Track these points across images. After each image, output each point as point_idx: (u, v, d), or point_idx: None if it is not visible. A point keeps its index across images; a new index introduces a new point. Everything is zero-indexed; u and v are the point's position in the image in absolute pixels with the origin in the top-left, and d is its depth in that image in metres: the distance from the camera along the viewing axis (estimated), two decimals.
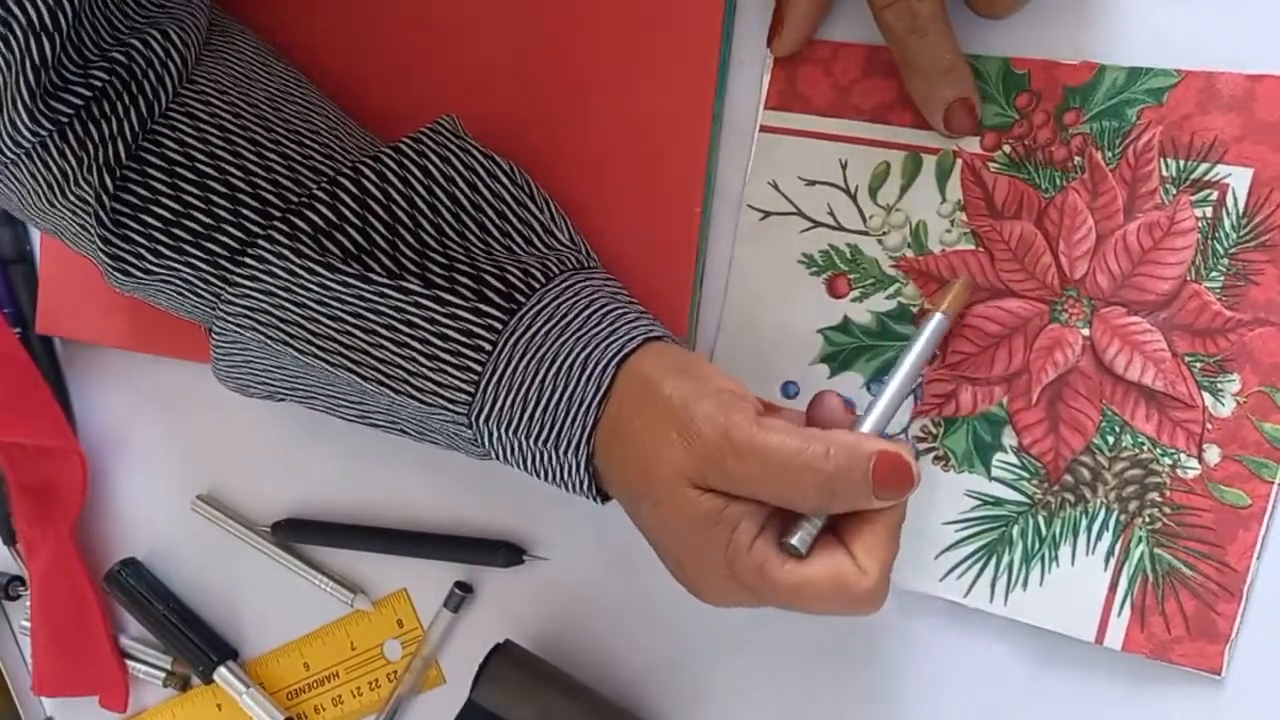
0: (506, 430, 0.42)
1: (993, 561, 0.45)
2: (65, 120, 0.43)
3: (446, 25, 0.52)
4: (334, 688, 0.61)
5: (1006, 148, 0.44)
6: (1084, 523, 0.43)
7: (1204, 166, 0.41)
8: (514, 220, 0.46)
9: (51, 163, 0.44)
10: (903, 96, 0.45)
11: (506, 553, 0.54)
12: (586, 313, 0.43)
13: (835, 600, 0.38)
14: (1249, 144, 0.40)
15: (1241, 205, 0.41)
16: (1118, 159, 0.42)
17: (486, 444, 0.43)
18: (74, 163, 0.44)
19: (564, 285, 0.44)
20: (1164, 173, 0.42)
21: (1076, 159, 0.43)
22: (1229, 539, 0.41)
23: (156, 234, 0.44)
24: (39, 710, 0.70)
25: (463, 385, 0.42)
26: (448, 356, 0.42)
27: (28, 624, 0.66)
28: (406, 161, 0.45)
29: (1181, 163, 0.41)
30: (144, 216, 0.44)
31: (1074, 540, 0.44)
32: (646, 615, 0.52)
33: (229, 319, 0.45)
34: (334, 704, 0.61)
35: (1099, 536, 0.43)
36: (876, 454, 0.37)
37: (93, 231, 0.45)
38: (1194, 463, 0.42)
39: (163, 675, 0.64)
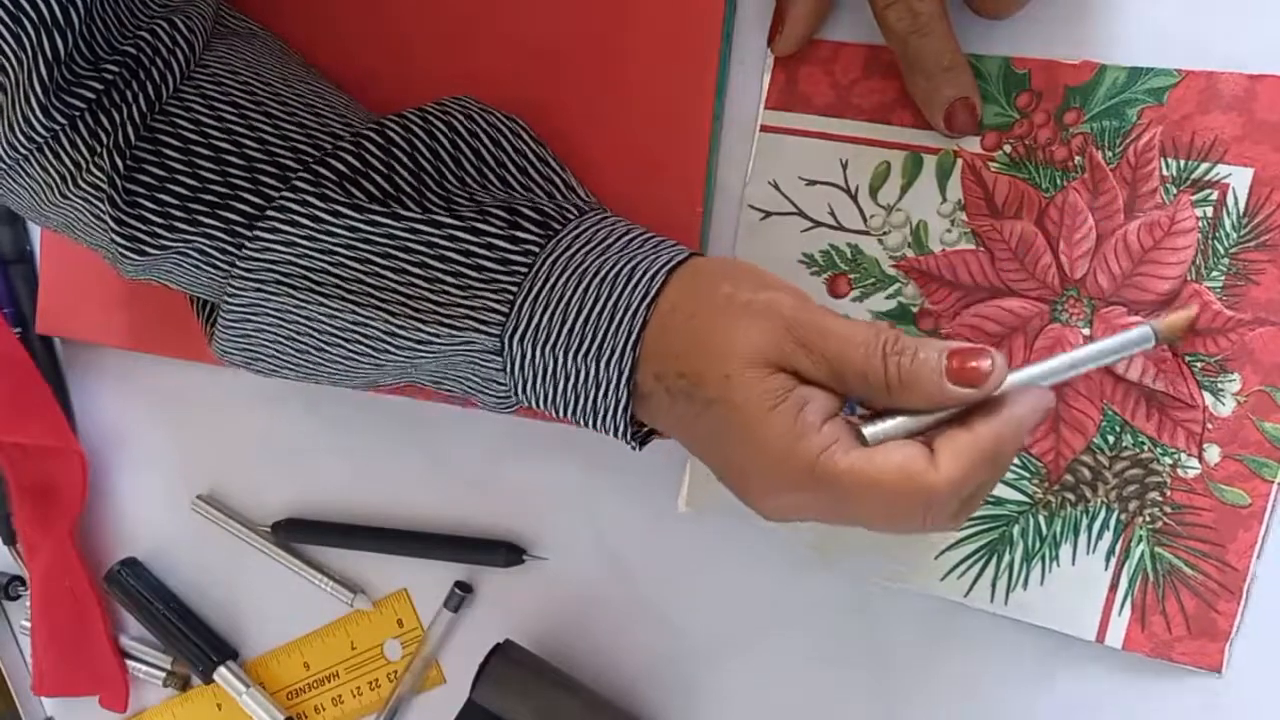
0: (543, 347, 0.41)
1: (993, 561, 0.45)
2: (77, 113, 0.43)
3: (445, 28, 0.52)
4: (334, 688, 0.61)
5: (1007, 147, 0.44)
6: (1084, 522, 0.43)
7: (1204, 166, 0.41)
8: (536, 177, 0.46)
9: (64, 154, 0.44)
10: (903, 96, 0.45)
11: (506, 553, 0.54)
12: (627, 237, 0.42)
13: (897, 493, 0.35)
14: (1249, 144, 0.40)
15: (1242, 205, 0.41)
16: (1118, 159, 0.42)
17: (517, 371, 0.42)
18: (86, 153, 0.44)
19: (600, 216, 0.43)
20: (1164, 172, 0.42)
21: (1077, 158, 0.43)
22: (1229, 538, 0.41)
23: (172, 210, 0.44)
24: (39, 710, 0.70)
25: (496, 306, 0.41)
26: (481, 285, 0.41)
27: (28, 624, 0.66)
28: (431, 117, 0.45)
29: (1182, 162, 0.41)
30: (159, 195, 0.44)
31: (1074, 540, 0.44)
32: (646, 615, 0.52)
33: (248, 276, 0.44)
34: (334, 704, 0.61)
35: (1099, 536, 0.43)
36: (951, 346, 0.36)
37: (107, 216, 0.44)
38: (1194, 462, 0.42)
39: (163, 675, 0.64)
